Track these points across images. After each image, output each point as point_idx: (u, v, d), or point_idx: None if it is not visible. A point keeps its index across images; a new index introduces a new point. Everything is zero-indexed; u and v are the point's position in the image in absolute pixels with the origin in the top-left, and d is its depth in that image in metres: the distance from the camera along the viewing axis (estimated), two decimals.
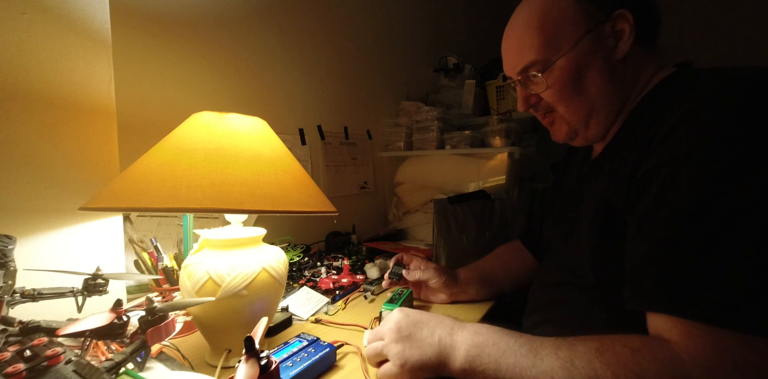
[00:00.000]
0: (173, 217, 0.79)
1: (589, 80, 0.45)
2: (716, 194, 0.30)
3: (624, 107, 0.48)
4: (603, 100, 0.46)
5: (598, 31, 0.44)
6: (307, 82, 1.16)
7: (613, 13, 0.44)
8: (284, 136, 1.06)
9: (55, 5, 0.53)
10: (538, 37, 0.46)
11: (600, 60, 0.45)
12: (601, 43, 0.44)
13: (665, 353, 0.29)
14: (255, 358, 0.32)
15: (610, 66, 0.45)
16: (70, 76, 0.55)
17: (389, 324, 0.44)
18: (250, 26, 0.98)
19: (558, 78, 0.46)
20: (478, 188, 1.15)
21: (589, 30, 0.44)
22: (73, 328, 0.36)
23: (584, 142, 0.52)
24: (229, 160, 0.45)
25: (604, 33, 0.44)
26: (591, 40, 0.44)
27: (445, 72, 1.52)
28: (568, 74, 0.45)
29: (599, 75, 0.45)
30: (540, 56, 0.46)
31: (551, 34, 0.45)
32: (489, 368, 0.37)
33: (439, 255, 0.95)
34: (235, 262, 0.47)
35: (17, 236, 0.44)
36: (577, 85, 0.46)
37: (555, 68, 0.46)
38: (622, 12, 0.43)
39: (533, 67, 0.47)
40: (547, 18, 0.46)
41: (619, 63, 0.45)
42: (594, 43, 0.44)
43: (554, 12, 0.45)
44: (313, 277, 0.83)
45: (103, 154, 0.59)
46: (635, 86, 0.47)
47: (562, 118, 0.50)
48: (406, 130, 1.39)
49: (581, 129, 0.50)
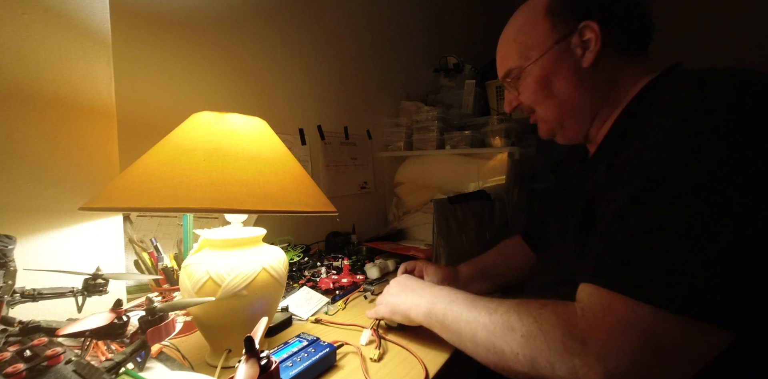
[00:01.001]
0: (173, 217, 0.79)
1: (557, 86, 0.50)
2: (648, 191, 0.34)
3: (606, 113, 0.51)
4: (573, 104, 0.51)
5: (566, 42, 0.49)
6: (307, 82, 1.16)
7: (579, 25, 0.48)
8: (284, 136, 1.06)
9: (55, 5, 0.53)
10: (515, 48, 0.53)
11: (566, 68, 0.49)
12: (569, 52, 0.49)
13: (565, 307, 0.35)
14: (255, 358, 0.32)
15: (577, 73, 0.49)
16: (70, 76, 0.55)
17: (390, 284, 0.61)
18: (250, 26, 0.98)
19: (529, 84, 0.52)
20: (478, 188, 1.15)
21: (557, 41, 0.49)
22: (73, 328, 0.36)
23: (565, 140, 0.56)
24: (229, 160, 0.45)
25: (572, 43, 0.49)
26: (559, 50, 0.49)
27: (445, 72, 1.52)
28: (536, 81, 0.51)
29: (566, 81, 0.50)
30: (515, 64, 0.53)
31: (524, 46, 0.52)
32: (439, 314, 0.48)
33: (439, 255, 0.95)
34: (235, 262, 0.47)
35: (17, 236, 0.44)
36: (546, 90, 0.51)
37: (527, 75, 0.52)
38: (588, 23, 0.47)
39: (511, 74, 0.55)
40: (521, 31, 0.53)
41: (588, 70, 0.49)
42: (561, 53, 0.49)
43: (527, 26, 0.52)
44: (313, 277, 0.83)
45: (103, 154, 0.59)
46: (615, 91, 0.49)
47: (541, 118, 0.56)
48: (406, 130, 1.39)
49: (558, 129, 0.55)
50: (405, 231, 1.31)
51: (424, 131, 1.34)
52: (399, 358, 0.53)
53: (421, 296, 0.53)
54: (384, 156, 1.45)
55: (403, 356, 0.53)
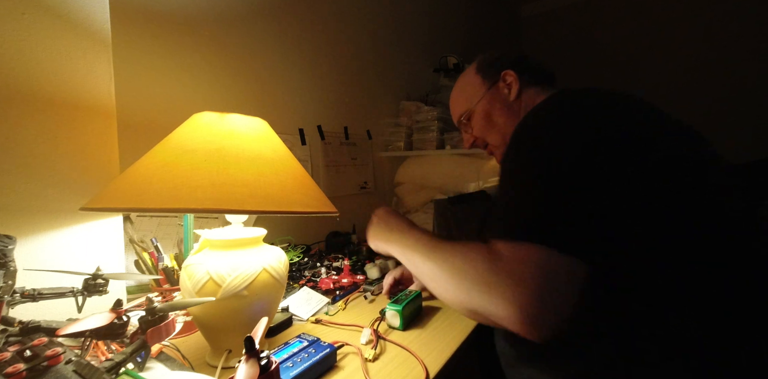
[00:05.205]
0: (173, 217, 0.79)
1: (496, 117, 0.67)
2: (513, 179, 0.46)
3: None
4: (508, 128, 0.65)
5: (495, 87, 0.67)
6: (307, 82, 1.16)
7: (500, 73, 0.66)
8: (284, 136, 1.06)
9: (55, 5, 0.53)
10: (462, 98, 0.73)
11: (499, 103, 0.67)
12: (499, 92, 0.67)
13: (483, 247, 0.42)
14: (255, 358, 0.32)
15: (507, 105, 0.66)
16: (70, 76, 0.55)
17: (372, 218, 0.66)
18: (250, 26, 0.98)
19: (477, 120, 0.70)
20: (478, 188, 1.15)
21: (489, 87, 0.68)
22: (73, 328, 0.36)
23: None
24: (230, 161, 0.45)
25: (500, 87, 0.67)
26: (491, 93, 0.68)
27: (445, 72, 1.52)
28: (481, 116, 0.69)
29: (501, 112, 0.66)
30: (464, 109, 0.72)
31: (468, 95, 0.71)
32: (398, 243, 0.54)
33: None
34: (236, 262, 0.47)
35: (17, 236, 0.43)
36: (490, 121, 0.68)
37: (474, 114, 0.70)
38: (507, 71, 0.66)
39: (463, 116, 0.72)
40: (464, 88, 0.73)
41: (514, 102, 0.65)
42: (494, 94, 0.67)
43: (466, 83, 0.73)
44: (313, 277, 0.83)
45: (103, 154, 0.59)
46: None
47: (493, 146, 0.71)
48: (406, 130, 1.39)
49: None
50: None
51: (424, 131, 1.34)
52: (399, 358, 0.53)
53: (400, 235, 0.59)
54: (384, 156, 1.45)
55: (404, 357, 0.53)
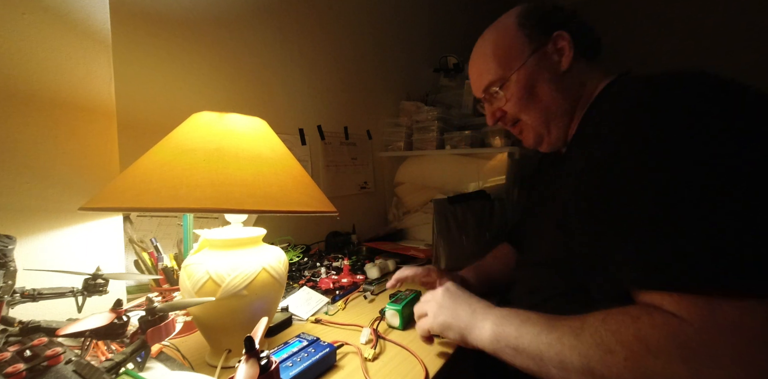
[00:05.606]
0: (173, 217, 0.79)
1: (540, 90, 0.54)
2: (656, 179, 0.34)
3: (576, 114, 0.55)
4: (556, 106, 0.55)
5: (543, 50, 0.54)
6: (307, 82, 1.16)
7: (552, 34, 0.53)
8: (284, 136, 1.06)
9: (55, 5, 0.53)
10: (494, 61, 0.56)
11: (547, 73, 0.54)
12: (546, 59, 0.54)
13: (662, 318, 0.31)
14: (255, 358, 0.32)
15: (556, 77, 0.54)
16: (70, 77, 0.55)
17: (439, 290, 0.54)
18: (250, 26, 0.98)
19: (514, 91, 0.55)
20: (478, 188, 1.15)
21: (535, 50, 0.54)
22: (73, 328, 0.36)
23: (549, 146, 0.59)
24: (230, 161, 0.45)
25: (548, 51, 0.54)
26: (537, 58, 0.54)
27: (445, 72, 1.52)
28: (521, 87, 0.55)
29: (548, 85, 0.54)
30: (497, 76, 0.56)
31: (503, 57, 0.56)
32: (511, 336, 0.42)
33: (438, 255, 0.95)
34: (235, 262, 0.47)
35: (17, 236, 0.44)
36: (531, 94, 0.55)
37: (510, 83, 0.55)
38: (560, 33, 0.53)
39: (493, 85, 0.58)
40: (498, 45, 0.57)
41: (564, 74, 0.54)
42: (540, 60, 0.54)
43: (504, 39, 0.56)
44: (313, 277, 0.83)
45: (103, 154, 0.59)
46: (582, 94, 0.54)
47: (528, 125, 0.58)
48: (406, 130, 1.39)
49: (544, 133, 0.57)
50: (405, 231, 1.31)
51: (424, 131, 1.34)
52: (399, 358, 0.53)
53: (485, 316, 0.47)
54: (384, 156, 1.45)
55: (404, 356, 0.53)
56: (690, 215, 0.31)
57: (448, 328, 0.49)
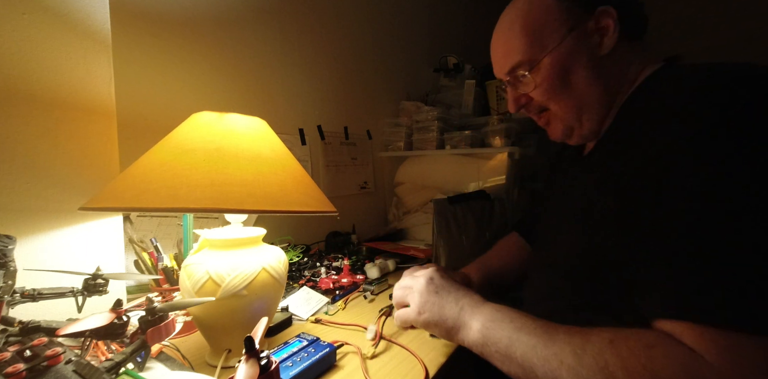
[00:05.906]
0: (173, 217, 0.79)
1: (576, 76, 0.46)
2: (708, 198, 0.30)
3: (613, 103, 0.48)
4: (592, 95, 0.47)
5: (583, 29, 0.45)
6: (307, 82, 1.16)
7: (596, 9, 0.44)
8: (284, 136, 1.06)
9: (55, 5, 0.53)
10: (523, 38, 0.47)
11: (585, 56, 0.45)
12: (586, 39, 0.45)
13: (679, 350, 0.28)
14: (255, 358, 0.32)
15: (595, 61, 0.45)
16: (70, 77, 0.55)
17: (421, 279, 0.48)
18: (250, 26, 0.98)
19: (546, 76, 0.47)
20: (478, 188, 1.15)
21: (573, 28, 0.45)
22: (73, 328, 0.36)
23: (580, 139, 0.52)
24: (229, 160, 0.45)
25: (589, 30, 0.45)
26: (575, 38, 0.45)
27: (445, 72, 1.52)
28: (554, 72, 0.46)
29: (585, 71, 0.46)
30: (526, 56, 0.47)
31: (535, 35, 0.46)
32: (501, 342, 0.38)
33: (438, 255, 0.95)
34: (235, 262, 0.47)
35: (17, 236, 0.44)
36: (565, 81, 0.46)
37: (542, 67, 0.46)
38: (606, 8, 0.44)
39: (521, 68, 0.48)
40: (530, 19, 0.47)
41: (605, 58, 0.45)
42: (578, 40, 0.45)
43: (537, 13, 0.46)
44: (313, 277, 0.83)
45: (103, 154, 0.59)
46: (623, 81, 0.47)
47: (556, 116, 0.50)
48: (406, 130, 1.39)
49: (576, 125, 0.50)
50: (405, 231, 1.31)
51: (424, 131, 1.34)
52: (399, 358, 0.53)
53: (472, 316, 0.43)
54: (384, 156, 1.45)
55: (404, 356, 0.53)
56: (740, 251, 0.28)
57: (433, 326, 0.46)
